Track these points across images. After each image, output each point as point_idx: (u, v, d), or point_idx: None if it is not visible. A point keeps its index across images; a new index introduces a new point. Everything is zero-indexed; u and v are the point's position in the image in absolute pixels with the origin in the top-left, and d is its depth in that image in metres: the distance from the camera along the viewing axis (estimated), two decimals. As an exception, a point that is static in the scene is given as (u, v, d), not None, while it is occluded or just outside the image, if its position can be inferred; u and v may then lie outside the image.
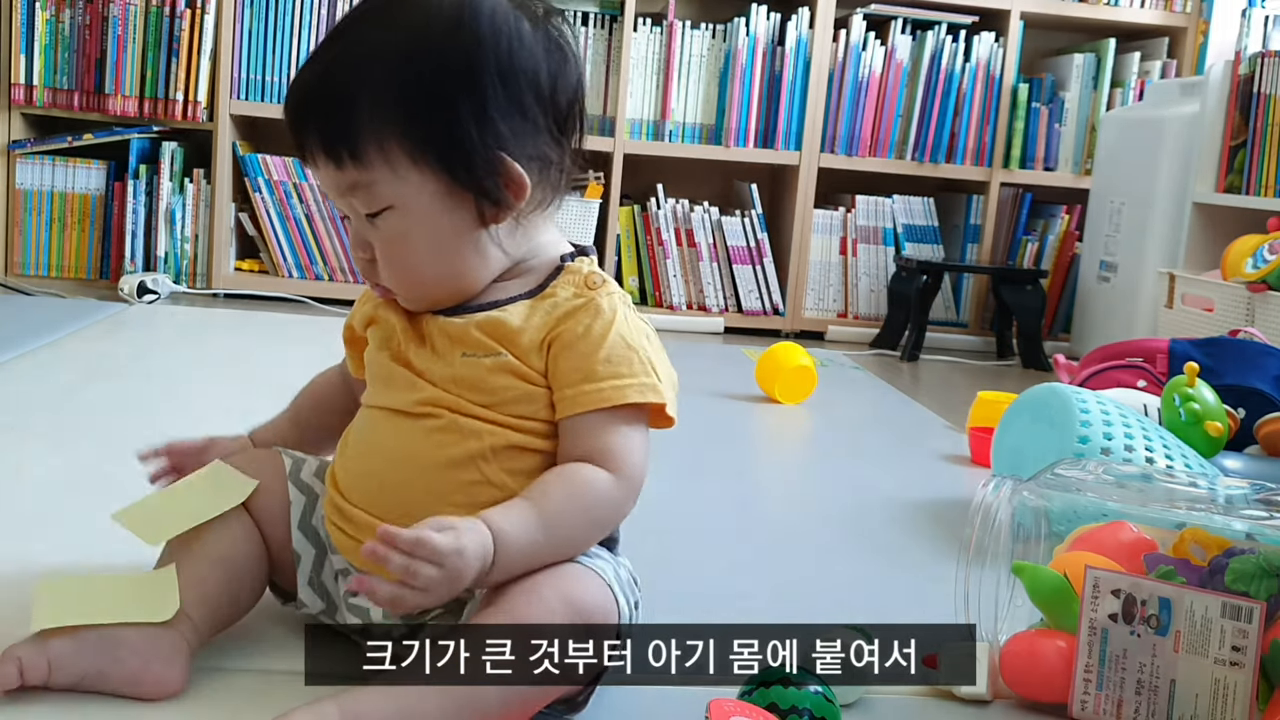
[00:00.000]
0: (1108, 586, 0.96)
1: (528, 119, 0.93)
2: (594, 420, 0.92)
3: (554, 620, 0.84)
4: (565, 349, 0.93)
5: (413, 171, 0.91)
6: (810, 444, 2.13)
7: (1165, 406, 1.54)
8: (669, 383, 0.96)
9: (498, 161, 0.92)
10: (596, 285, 0.96)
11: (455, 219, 0.93)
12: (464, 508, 0.92)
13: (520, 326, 0.94)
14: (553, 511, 0.89)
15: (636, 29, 3.19)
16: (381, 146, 0.90)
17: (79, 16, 3.00)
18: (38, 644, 0.87)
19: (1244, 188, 2.70)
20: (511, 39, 0.92)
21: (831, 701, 0.90)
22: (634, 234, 3.25)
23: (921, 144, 3.30)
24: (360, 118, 0.90)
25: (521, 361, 0.93)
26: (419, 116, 0.90)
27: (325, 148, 0.91)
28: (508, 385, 0.93)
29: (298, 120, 0.93)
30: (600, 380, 0.92)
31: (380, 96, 0.90)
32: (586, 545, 0.92)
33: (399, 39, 0.91)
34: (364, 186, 0.92)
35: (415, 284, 0.96)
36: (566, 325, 0.94)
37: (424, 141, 0.90)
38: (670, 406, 0.95)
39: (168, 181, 3.04)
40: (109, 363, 2.21)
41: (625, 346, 0.94)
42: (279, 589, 1.03)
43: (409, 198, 0.92)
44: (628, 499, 0.93)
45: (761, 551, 1.43)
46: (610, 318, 0.94)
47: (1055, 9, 3.29)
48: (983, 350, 3.26)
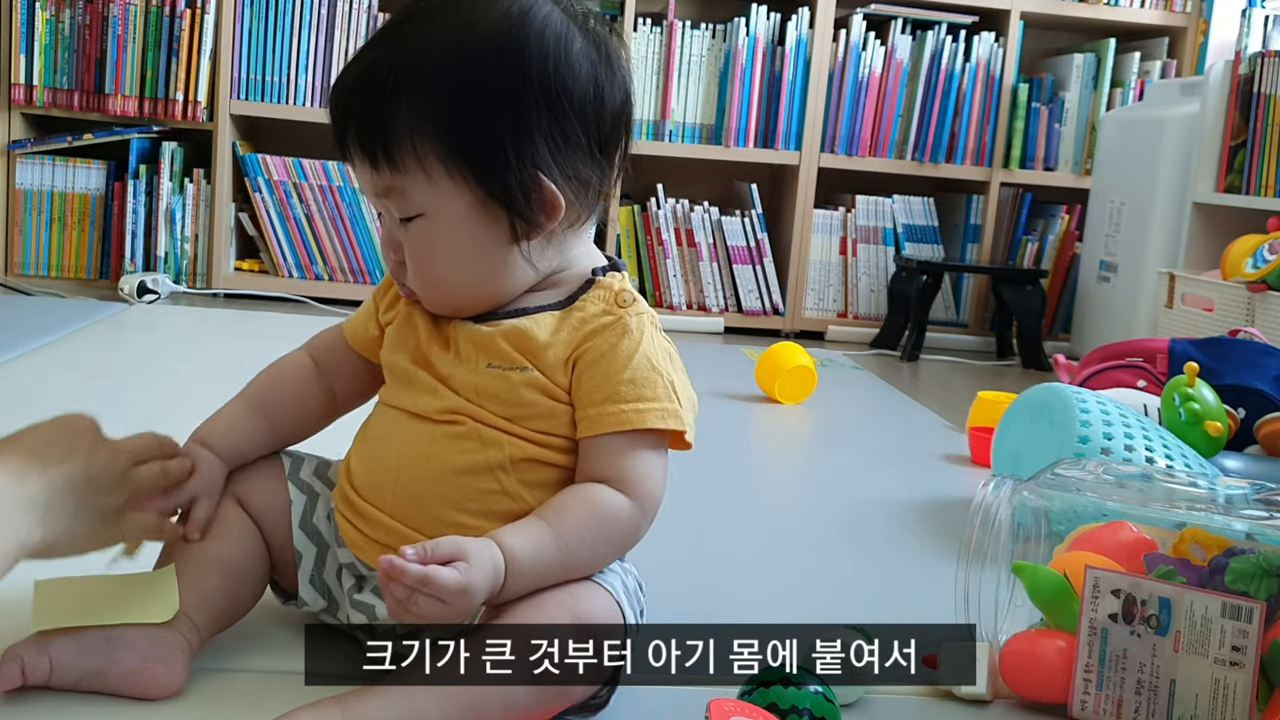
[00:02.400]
0: (1108, 586, 0.96)
1: (569, 140, 0.92)
2: (614, 442, 0.92)
3: (559, 632, 0.84)
4: (590, 367, 0.93)
5: (447, 181, 0.90)
6: (810, 444, 2.13)
7: (1165, 406, 1.54)
8: (689, 406, 0.96)
9: (533, 181, 0.90)
10: (626, 304, 0.96)
11: (486, 232, 0.92)
12: (478, 515, 0.92)
13: (547, 342, 0.93)
14: (569, 534, 0.89)
15: (636, 29, 3.19)
16: (418, 153, 0.89)
17: (79, 16, 3.00)
18: (39, 644, 0.87)
19: (1244, 188, 2.70)
20: (560, 58, 0.90)
21: (831, 701, 0.90)
22: (634, 234, 3.25)
23: (921, 144, 3.30)
24: (399, 122, 0.89)
25: (547, 378, 0.93)
26: (458, 128, 0.89)
27: (362, 149, 0.90)
28: (533, 400, 0.93)
29: (338, 118, 0.92)
30: (623, 402, 0.92)
31: (421, 103, 0.88)
32: (599, 568, 0.92)
33: (446, 46, 0.90)
34: (398, 191, 0.91)
35: (440, 290, 0.95)
36: (593, 343, 0.93)
37: (461, 154, 0.89)
38: (690, 433, 0.95)
39: (168, 181, 3.05)
40: (109, 363, 2.21)
41: (650, 369, 0.93)
42: (279, 588, 1.03)
43: (441, 207, 0.91)
44: (643, 523, 0.93)
45: (761, 551, 1.43)
46: (638, 338, 0.94)
47: (1055, 9, 3.29)
48: (983, 350, 3.26)
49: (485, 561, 0.84)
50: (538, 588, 0.87)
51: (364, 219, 3.08)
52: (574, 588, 0.89)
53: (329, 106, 0.93)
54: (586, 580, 0.90)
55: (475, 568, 0.83)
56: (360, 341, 1.04)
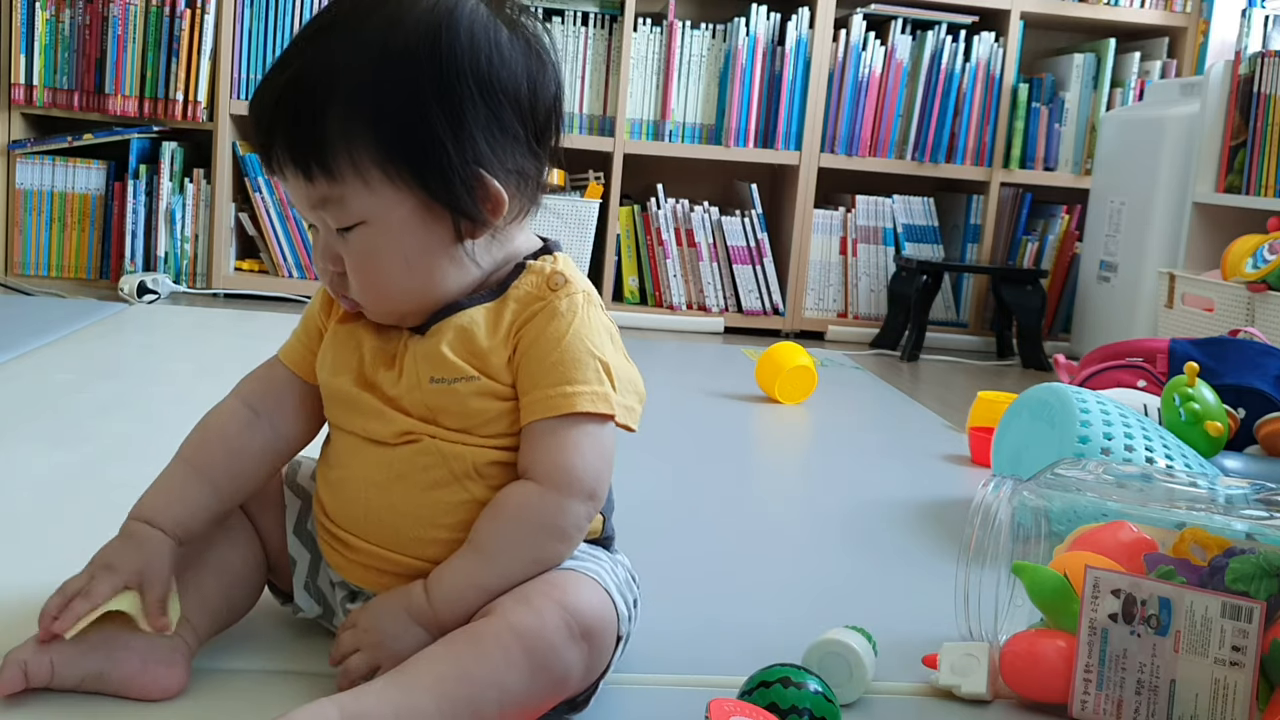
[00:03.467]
0: (1108, 586, 0.96)
1: (507, 133, 0.90)
2: (542, 428, 0.90)
3: (550, 625, 0.84)
4: (523, 355, 0.91)
5: (387, 186, 0.87)
6: (810, 444, 2.13)
7: (1165, 406, 1.54)
8: (628, 388, 0.93)
9: (475, 179, 0.89)
10: (558, 286, 0.93)
11: (431, 235, 0.90)
12: (453, 529, 0.91)
13: (488, 345, 0.91)
14: (482, 538, 0.89)
15: (636, 29, 3.19)
16: (354, 160, 0.86)
17: (79, 16, 3.00)
18: (40, 646, 0.87)
19: (1244, 188, 2.70)
20: (491, 52, 0.88)
21: (831, 701, 0.90)
22: (634, 234, 3.25)
23: (921, 144, 3.30)
24: (332, 129, 0.86)
25: (495, 380, 0.91)
26: (394, 131, 0.86)
27: (294, 159, 0.87)
28: (483, 408, 0.91)
29: (265, 128, 0.88)
30: (550, 387, 0.90)
31: (354, 108, 0.86)
32: (548, 557, 0.90)
33: (373, 47, 0.87)
34: (335, 201, 0.88)
35: (386, 298, 0.92)
36: (525, 330, 0.91)
37: (400, 157, 0.87)
38: (623, 415, 0.92)
39: (168, 181, 3.05)
40: (109, 363, 2.21)
41: (581, 351, 0.91)
42: (278, 590, 1.03)
43: (383, 213, 0.88)
44: (565, 504, 0.89)
45: (761, 551, 1.43)
46: (569, 320, 0.91)
47: (1055, 9, 3.29)
48: (983, 350, 3.26)
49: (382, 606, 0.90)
50: (488, 597, 0.87)
51: (364, 219, 3.08)
52: (559, 579, 0.88)
53: (251, 115, 0.90)
54: (570, 572, 0.89)
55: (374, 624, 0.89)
56: (306, 368, 0.99)
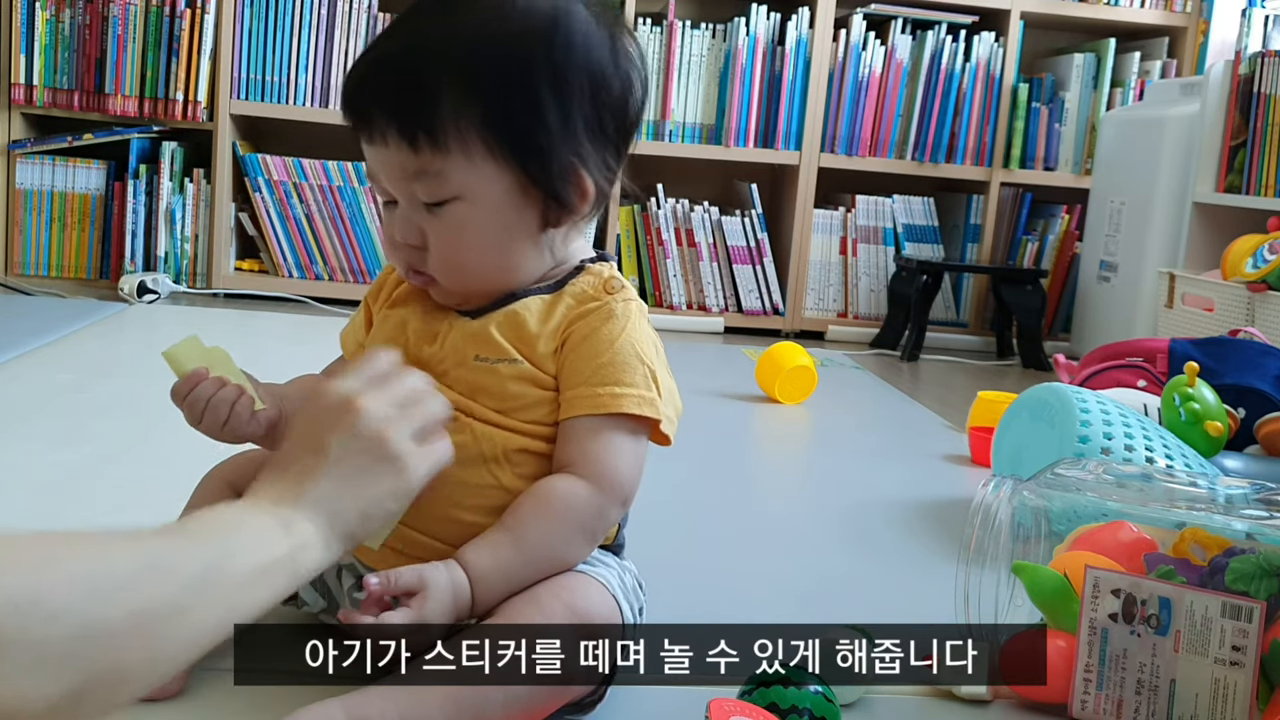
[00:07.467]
0: (1108, 586, 0.96)
1: (603, 131, 0.92)
2: (586, 425, 0.92)
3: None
4: (573, 350, 0.93)
5: (489, 163, 0.89)
6: (810, 444, 2.13)
7: (1165, 406, 1.54)
8: (670, 400, 0.95)
9: (571, 169, 0.91)
10: (615, 290, 0.95)
11: (520, 217, 0.92)
12: (476, 511, 0.92)
13: (537, 332, 0.93)
14: (524, 530, 0.89)
15: (636, 29, 3.19)
16: (461, 133, 0.88)
17: (79, 16, 3.00)
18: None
19: (1244, 188, 2.70)
20: (603, 54, 0.91)
21: (831, 701, 0.90)
22: (634, 234, 3.25)
23: (921, 144, 3.30)
24: (444, 101, 0.87)
25: (537, 367, 0.93)
26: (506, 110, 0.88)
27: (401, 128, 0.88)
28: (521, 392, 0.93)
29: (371, 96, 0.89)
30: (600, 385, 0.92)
31: (469, 82, 0.87)
32: (573, 557, 0.91)
33: (492, 27, 0.89)
34: (434, 174, 0.89)
35: (465, 276, 0.93)
36: (577, 326, 0.93)
37: (507, 136, 0.88)
38: (666, 425, 0.94)
39: (168, 181, 3.05)
40: (109, 363, 2.21)
41: (632, 355, 0.93)
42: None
43: (480, 189, 0.90)
44: (607, 506, 0.91)
45: (761, 551, 1.43)
46: (623, 324, 0.93)
47: (1055, 9, 3.29)
48: (983, 350, 3.26)
49: (442, 592, 0.85)
50: (514, 590, 0.87)
51: (364, 219, 3.08)
52: (568, 582, 0.89)
53: (351, 84, 0.90)
54: (580, 575, 0.90)
55: (431, 599, 0.84)
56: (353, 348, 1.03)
